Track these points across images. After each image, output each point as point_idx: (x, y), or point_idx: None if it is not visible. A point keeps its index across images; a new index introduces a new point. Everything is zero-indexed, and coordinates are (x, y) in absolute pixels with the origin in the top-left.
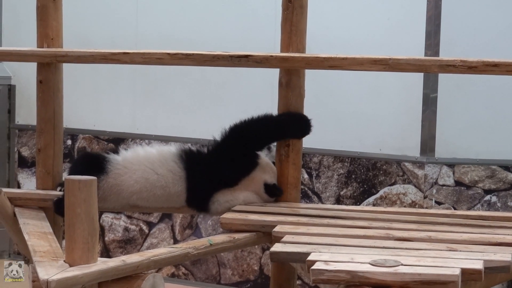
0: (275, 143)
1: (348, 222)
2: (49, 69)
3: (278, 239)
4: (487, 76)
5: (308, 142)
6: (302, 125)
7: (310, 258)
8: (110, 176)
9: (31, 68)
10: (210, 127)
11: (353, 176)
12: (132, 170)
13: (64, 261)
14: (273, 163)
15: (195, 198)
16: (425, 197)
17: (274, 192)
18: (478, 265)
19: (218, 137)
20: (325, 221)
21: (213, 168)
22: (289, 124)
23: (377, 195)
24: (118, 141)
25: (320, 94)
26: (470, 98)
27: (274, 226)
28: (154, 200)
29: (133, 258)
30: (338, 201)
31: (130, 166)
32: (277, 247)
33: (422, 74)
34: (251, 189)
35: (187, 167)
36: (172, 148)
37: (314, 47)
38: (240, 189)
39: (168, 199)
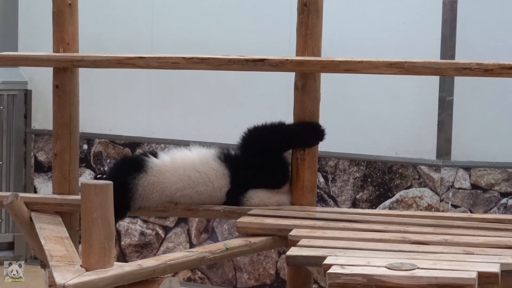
0: None
1: (364, 225)
2: (65, 74)
3: (294, 243)
4: (503, 79)
5: (323, 145)
6: (314, 134)
7: (326, 261)
8: (151, 174)
9: (47, 73)
10: (226, 131)
11: (369, 180)
12: (174, 169)
13: (80, 265)
14: None
15: (235, 190)
16: (441, 201)
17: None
18: (495, 268)
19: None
20: (341, 224)
21: (254, 168)
22: (300, 135)
23: (393, 199)
24: (134, 145)
25: (335, 97)
26: (486, 101)
27: (290, 230)
28: (197, 197)
29: (149, 262)
30: (354, 204)
31: (171, 165)
32: (293, 251)
33: (438, 77)
34: (288, 193)
35: (228, 166)
36: (208, 150)
37: (329, 50)
38: (281, 192)
39: (211, 194)
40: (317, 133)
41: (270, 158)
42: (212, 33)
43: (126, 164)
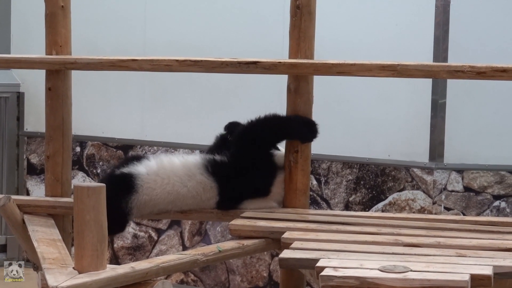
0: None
1: (357, 228)
2: (57, 76)
3: (287, 245)
4: (496, 82)
5: (316, 148)
6: (308, 127)
7: (319, 264)
8: (142, 193)
9: (39, 75)
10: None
11: (361, 182)
12: (163, 184)
13: (73, 268)
14: None
15: (225, 202)
16: (434, 203)
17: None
18: (488, 271)
19: (231, 142)
20: (334, 227)
21: (241, 177)
22: (296, 123)
23: (386, 201)
24: (126, 148)
25: (328, 100)
26: (479, 103)
27: (283, 233)
28: (187, 207)
29: (142, 265)
30: (347, 207)
31: (161, 180)
32: (286, 254)
33: (430, 79)
34: (280, 194)
35: (216, 178)
36: (194, 159)
37: (322, 53)
38: (270, 199)
39: (199, 205)
40: (312, 128)
41: (259, 159)
42: (205, 35)
43: (116, 186)
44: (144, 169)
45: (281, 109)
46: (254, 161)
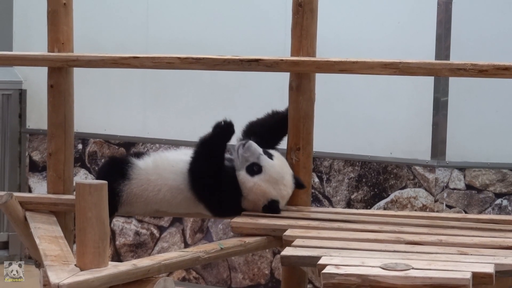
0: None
1: (359, 226)
2: (60, 73)
3: (288, 243)
4: (498, 80)
5: (318, 146)
6: (221, 132)
7: (320, 262)
8: (133, 184)
9: (42, 72)
10: None
11: (363, 180)
12: (155, 191)
13: (75, 265)
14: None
15: (219, 215)
16: (436, 201)
17: (273, 211)
18: (489, 269)
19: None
20: (336, 225)
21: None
22: (211, 138)
23: (388, 199)
24: (128, 145)
25: (330, 98)
26: (481, 101)
27: (285, 230)
28: (183, 211)
29: (144, 262)
30: (349, 205)
31: (153, 186)
32: (288, 251)
33: (432, 77)
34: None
35: (201, 198)
36: (183, 168)
37: (324, 51)
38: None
39: (195, 210)
40: (223, 129)
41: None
42: (207, 33)
43: (113, 167)
44: (141, 163)
45: (283, 107)
46: (220, 186)
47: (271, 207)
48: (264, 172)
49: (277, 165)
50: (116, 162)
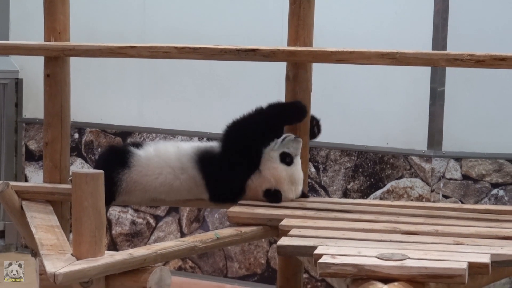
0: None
1: (355, 215)
2: (56, 63)
3: (285, 232)
4: (495, 70)
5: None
6: (295, 111)
7: (317, 251)
8: (133, 171)
9: (38, 62)
10: (217, 121)
11: (360, 170)
12: (155, 173)
13: (71, 254)
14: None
15: (217, 200)
16: (432, 191)
17: (273, 199)
18: (485, 259)
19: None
20: (332, 214)
21: (225, 172)
22: (282, 112)
23: (384, 189)
24: (125, 134)
25: (327, 88)
26: (478, 91)
27: (281, 220)
28: (182, 197)
29: (140, 251)
30: (345, 194)
31: (152, 170)
32: (284, 241)
33: (429, 68)
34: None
35: (205, 176)
36: (189, 150)
37: (321, 41)
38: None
39: (195, 196)
40: (299, 109)
41: (241, 154)
42: (204, 23)
43: (112, 156)
44: (142, 152)
45: (280, 97)
46: (237, 156)
47: (274, 195)
48: (291, 168)
49: (300, 171)
50: (115, 151)
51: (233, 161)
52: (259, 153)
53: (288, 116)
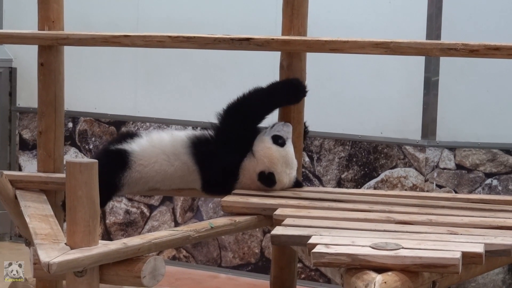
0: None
1: (349, 205)
2: (50, 52)
3: (279, 222)
4: (489, 60)
5: (309, 125)
6: (294, 88)
7: (311, 241)
8: (134, 169)
9: (32, 51)
10: (211, 110)
11: (354, 159)
12: (152, 162)
13: (65, 243)
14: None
15: (210, 188)
16: (426, 181)
17: (267, 182)
18: (479, 249)
19: (216, 120)
20: (326, 204)
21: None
22: (281, 89)
23: (378, 178)
24: (119, 124)
25: (321, 77)
26: (472, 81)
27: (275, 209)
28: (175, 185)
29: (134, 241)
30: (339, 184)
31: (148, 158)
32: (278, 230)
33: (423, 57)
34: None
35: (198, 161)
36: (182, 136)
37: (315, 30)
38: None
39: (187, 184)
40: (298, 87)
41: (236, 137)
42: (198, 12)
43: (109, 160)
44: (136, 146)
45: None
46: (231, 137)
47: (268, 178)
48: (284, 149)
49: (293, 155)
50: (111, 154)
51: (227, 143)
52: (255, 135)
53: (287, 93)
